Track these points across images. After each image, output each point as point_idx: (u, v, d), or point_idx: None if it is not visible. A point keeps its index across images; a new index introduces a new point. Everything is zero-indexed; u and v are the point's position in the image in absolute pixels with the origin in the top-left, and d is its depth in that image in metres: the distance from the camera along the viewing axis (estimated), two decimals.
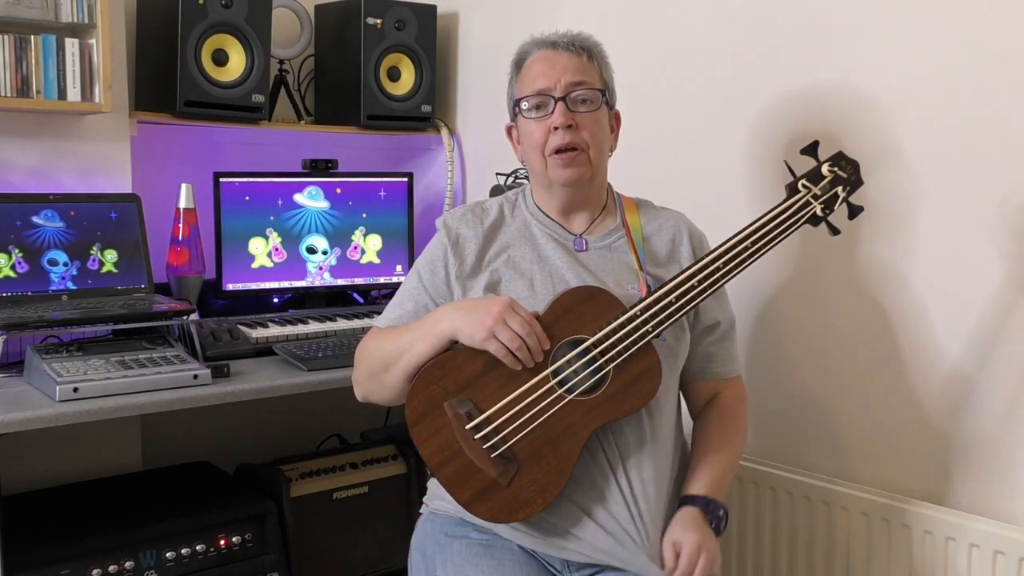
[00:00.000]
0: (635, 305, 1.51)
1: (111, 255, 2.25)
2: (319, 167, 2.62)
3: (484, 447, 1.51)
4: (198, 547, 2.08)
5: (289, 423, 2.73)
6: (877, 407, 1.99)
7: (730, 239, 1.51)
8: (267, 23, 2.51)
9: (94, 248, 2.23)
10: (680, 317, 1.52)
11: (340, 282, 2.67)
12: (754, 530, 2.15)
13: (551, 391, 1.50)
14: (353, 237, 2.68)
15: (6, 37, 2.08)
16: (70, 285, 2.19)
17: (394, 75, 2.78)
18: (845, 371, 2.02)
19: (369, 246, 2.70)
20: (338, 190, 2.65)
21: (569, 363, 1.50)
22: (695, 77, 2.28)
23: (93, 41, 2.18)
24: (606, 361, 1.50)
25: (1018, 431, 1.79)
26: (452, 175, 2.89)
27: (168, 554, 2.04)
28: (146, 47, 2.50)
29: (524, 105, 1.65)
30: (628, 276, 1.64)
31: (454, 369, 1.52)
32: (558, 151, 1.62)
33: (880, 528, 1.93)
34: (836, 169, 1.53)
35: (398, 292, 1.74)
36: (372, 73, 2.70)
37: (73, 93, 2.16)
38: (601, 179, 1.71)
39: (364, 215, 2.69)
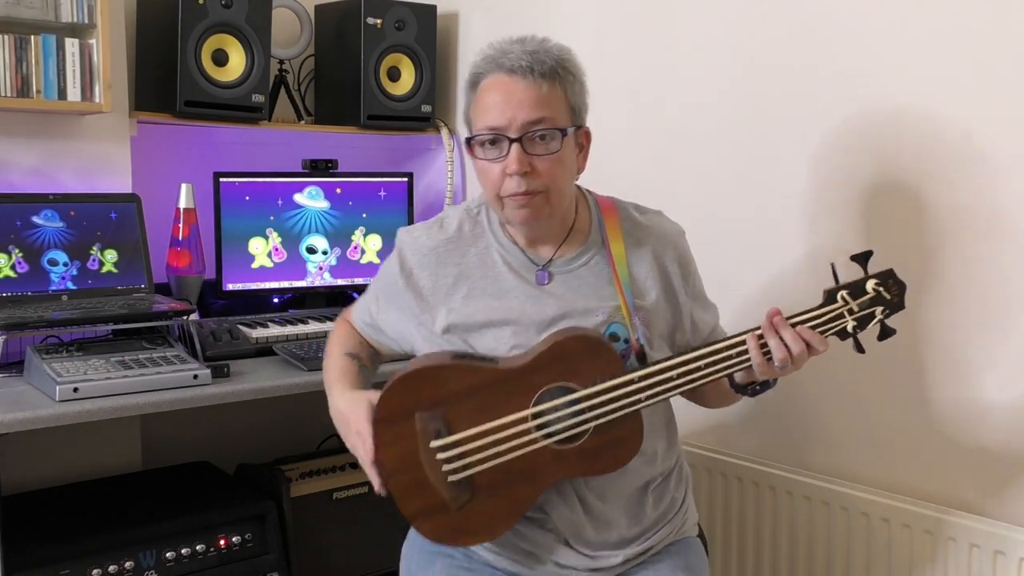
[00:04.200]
0: (636, 370, 1.43)
1: (111, 255, 2.25)
2: (319, 167, 2.62)
3: (443, 469, 1.45)
4: (198, 547, 2.08)
5: (289, 423, 2.73)
6: (877, 407, 1.99)
7: (753, 329, 1.42)
8: (267, 23, 2.51)
9: (94, 248, 2.23)
10: (677, 394, 1.46)
11: (340, 282, 2.67)
12: (754, 530, 2.15)
13: (527, 432, 1.44)
14: (353, 237, 2.68)
15: (6, 37, 2.08)
16: (70, 285, 2.19)
17: (394, 75, 2.78)
18: (843, 371, 2.02)
19: (369, 246, 2.70)
20: (338, 190, 2.65)
21: (555, 408, 1.43)
22: (697, 78, 2.28)
23: (93, 41, 2.18)
24: (592, 417, 1.43)
25: (1019, 431, 1.79)
26: (452, 175, 2.89)
27: (168, 554, 2.04)
28: (146, 47, 2.50)
29: (477, 140, 1.50)
30: (599, 297, 1.54)
31: (435, 382, 1.47)
32: (513, 196, 1.48)
33: (880, 528, 1.93)
34: (881, 289, 1.42)
35: (373, 285, 1.70)
36: (372, 73, 2.70)
37: (73, 93, 2.16)
38: (564, 211, 1.56)
39: (364, 215, 2.69)
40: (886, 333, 1.46)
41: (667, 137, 2.34)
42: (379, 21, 2.70)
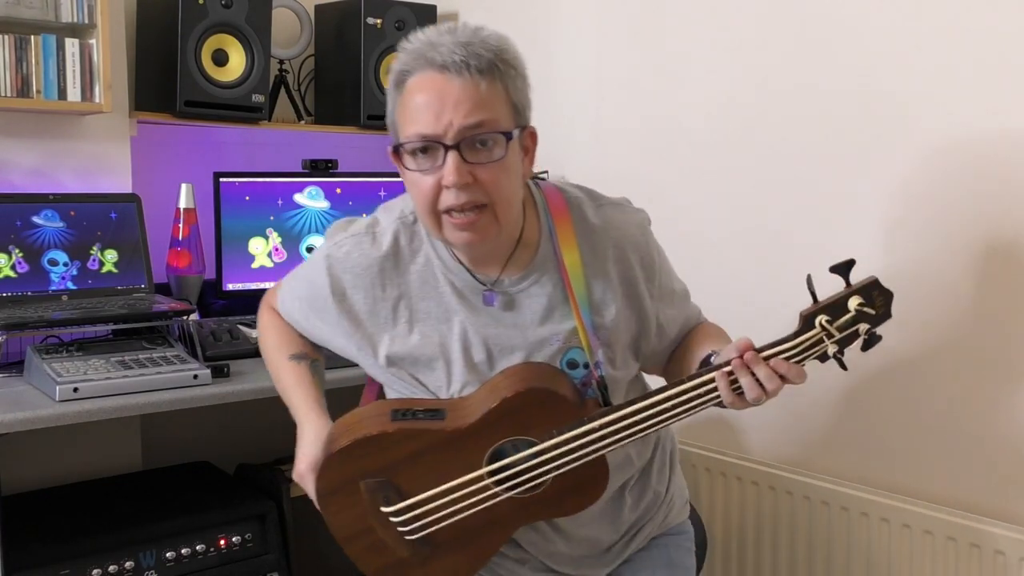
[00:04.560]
0: (595, 418, 1.29)
1: (111, 255, 2.25)
2: (319, 167, 2.62)
3: (400, 530, 1.37)
4: (198, 547, 2.07)
5: (289, 423, 2.71)
6: (877, 407, 1.99)
7: (723, 365, 1.27)
8: (267, 23, 2.51)
9: (94, 248, 2.23)
10: (643, 437, 1.31)
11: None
12: (754, 530, 2.15)
13: (484, 488, 1.34)
14: None
15: (6, 37, 2.08)
16: (70, 285, 2.19)
17: None
18: (844, 372, 2.02)
19: None
20: (338, 190, 2.64)
21: (513, 464, 1.32)
22: (698, 77, 2.28)
23: (93, 41, 2.18)
24: (552, 468, 1.32)
25: (1018, 430, 1.79)
26: None
27: (168, 554, 2.04)
28: (146, 47, 2.50)
29: (405, 148, 1.29)
30: (552, 320, 1.38)
31: (378, 451, 1.36)
32: (452, 211, 1.27)
33: (880, 528, 1.93)
34: (864, 307, 1.25)
35: (296, 288, 1.53)
36: (372, 73, 2.69)
37: (73, 93, 2.16)
38: (512, 226, 1.36)
39: (364, 215, 2.68)
40: (871, 343, 1.30)
41: (668, 138, 2.34)
42: (379, 21, 2.70)
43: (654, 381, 1.47)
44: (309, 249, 2.62)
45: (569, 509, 1.38)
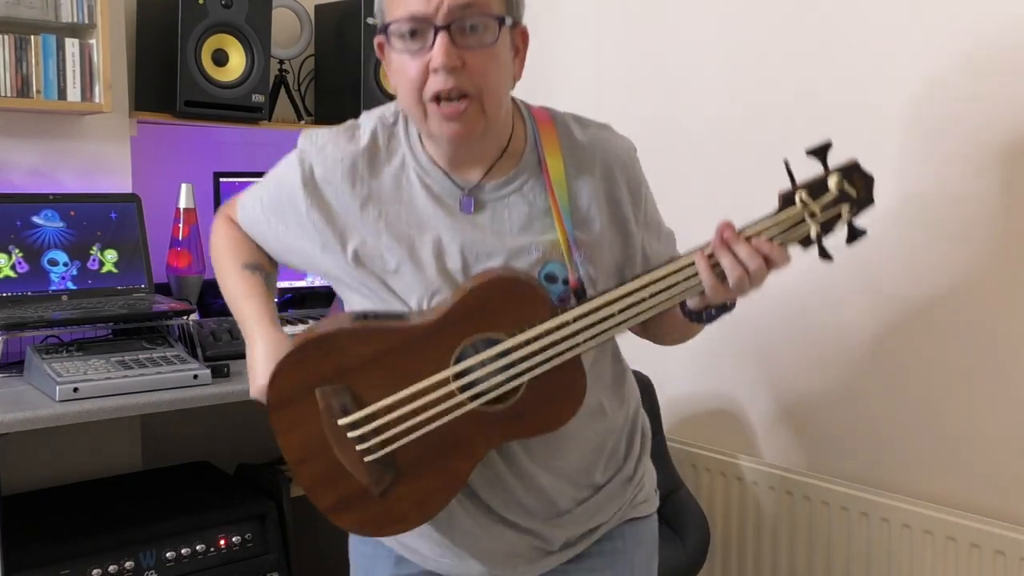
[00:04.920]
0: (568, 310, 1.21)
1: (111, 255, 2.25)
2: None
3: (358, 448, 1.23)
4: (198, 547, 2.07)
5: None
6: (876, 407, 1.99)
7: (702, 247, 1.21)
8: (267, 23, 2.51)
9: (94, 248, 2.23)
10: (622, 331, 1.24)
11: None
12: (754, 529, 2.15)
13: (450, 395, 1.21)
14: None
15: (6, 37, 2.08)
16: (70, 285, 2.19)
17: None
18: (846, 371, 2.02)
19: None
20: None
21: (481, 364, 1.21)
22: (698, 75, 2.28)
23: (93, 41, 2.18)
24: (524, 370, 1.21)
25: (1018, 431, 1.80)
26: None
27: (168, 554, 2.04)
28: (146, 47, 2.50)
29: (393, 30, 1.22)
30: (533, 231, 1.29)
31: (335, 350, 1.23)
32: (439, 98, 1.21)
33: (880, 528, 1.93)
34: (845, 185, 1.21)
35: (261, 194, 1.43)
36: (372, 73, 2.69)
37: (73, 93, 2.16)
38: (500, 126, 1.29)
39: None
40: (855, 235, 1.23)
41: (668, 135, 2.34)
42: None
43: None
44: None
45: (542, 425, 1.25)
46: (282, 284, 2.59)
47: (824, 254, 1.22)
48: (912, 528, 1.88)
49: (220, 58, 2.46)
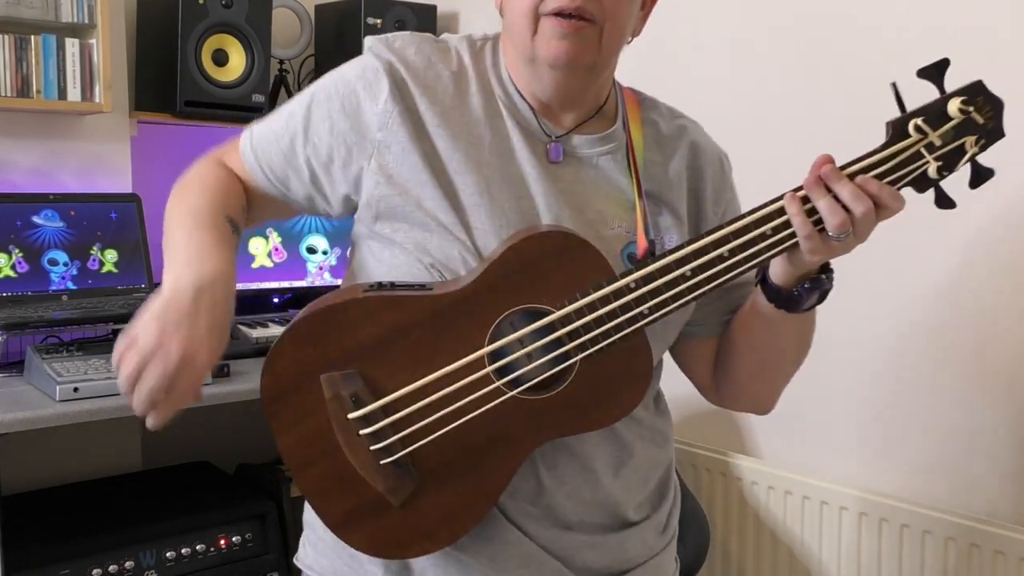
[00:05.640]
0: (629, 272, 0.99)
1: (111, 255, 2.25)
2: None
3: (372, 448, 1.01)
4: (198, 547, 2.08)
5: None
6: (875, 408, 1.99)
7: (794, 189, 1.01)
8: (267, 23, 2.51)
9: (94, 248, 2.23)
10: (694, 300, 1.01)
11: (340, 282, 2.67)
12: (754, 529, 2.15)
13: (486, 381, 0.99)
14: None
15: (6, 37, 2.08)
16: (70, 285, 2.19)
17: None
18: (849, 370, 2.02)
19: None
20: None
21: (521, 343, 0.99)
22: (704, 77, 2.28)
23: (93, 41, 2.18)
24: (575, 348, 0.99)
25: (1018, 431, 1.79)
26: None
27: (168, 554, 2.04)
28: (146, 47, 2.50)
29: None
30: (619, 203, 1.11)
31: (345, 326, 1.01)
32: (559, 13, 1.04)
33: (879, 529, 1.93)
34: (971, 110, 0.98)
35: (289, 109, 1.15)
36: None
37: (73, 93, 2.17)
38: (609, 73, 1.14)
39: None
40: (981, 176, 1.01)
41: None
42: (379, 21, 2.70)
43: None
44: (310, 250, 2.62)
45: (599, 418, 1.03)
46: (282, 284, 2.59)
47: (945, 200, 1.01)
48: (911, 528, 1.88)
49: (220, 58, 2.46)
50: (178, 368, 0.96)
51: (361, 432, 1.01)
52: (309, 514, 1.16)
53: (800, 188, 0.99)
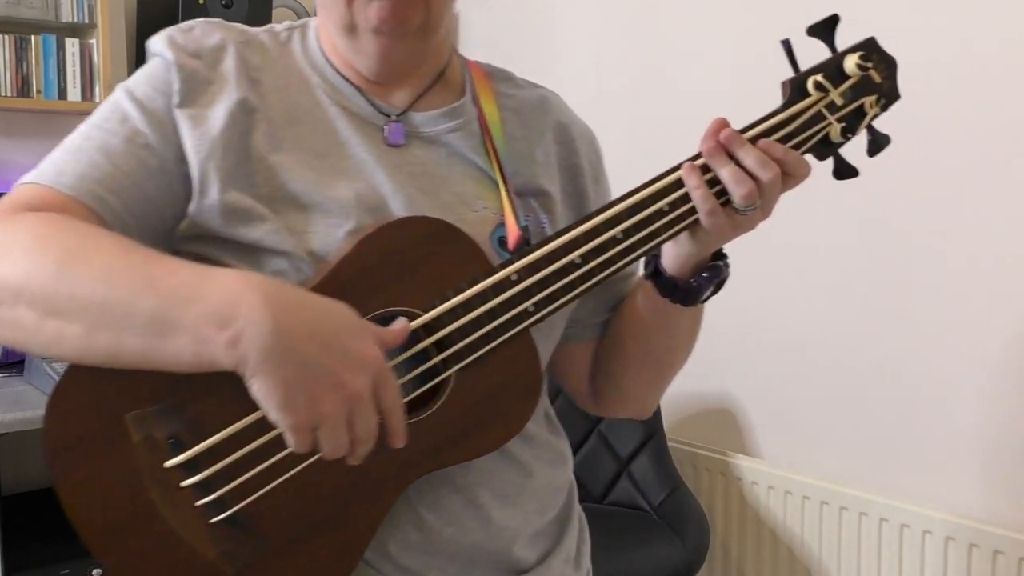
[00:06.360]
0: (509, 263, 0.83)
1: None
2: None
3: (198, 504, 0.77)
4: None
5: None
6: (875, 407, 1.99)
7: (691, 158, 0.89)
8: (267, 23, 2.50)
9: None
10: (586, 292, 0.85)
11: None
12: (754, 528, 2.15)
13: None
14: None
15: (6, 37, 2.08)
16: None
17: None
18: (844, 370, 2.02)
19: None
20: None
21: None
22: (698, 78, 2.28)
23: (93, 41, 2.18)
24: (451, 357, 0.81)
25: (1017, 432, 1.80)
26: None
27: None
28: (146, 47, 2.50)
29: None
30: (480, 183, 0.93)
31: None
32: None
33: (879, 528, 1.93)
34: (869, 66, 0.92)
35: (76, 138, 0.95)
36: None
37: (73, 93, 2.17)
38: (443, 36, 0.96)
39: None
40: (879, 142, 0.93)
41: (667, 139, 2.34)
42: None
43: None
44: None
45: (485, 441, 0.85)
46: None
47: (845, 168, 0.92)
48: (912, 528, 1.88)
49: None
50: (375, 391, 0.73)
51: (183, 484, 0.77)
52: None
53: (698, 156, 0.88)
